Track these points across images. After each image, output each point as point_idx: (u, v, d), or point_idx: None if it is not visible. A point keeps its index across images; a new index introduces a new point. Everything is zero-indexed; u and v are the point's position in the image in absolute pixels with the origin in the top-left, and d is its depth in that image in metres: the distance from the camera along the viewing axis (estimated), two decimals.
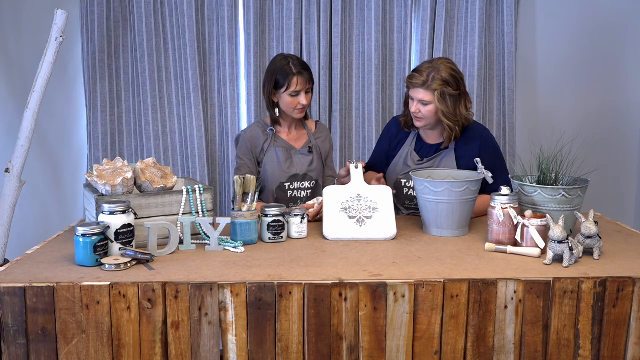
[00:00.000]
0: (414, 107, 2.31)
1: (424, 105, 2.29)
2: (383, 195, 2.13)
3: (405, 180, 2.40)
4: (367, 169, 2.63)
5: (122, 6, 3.17)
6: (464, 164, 2.34)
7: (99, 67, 3.18)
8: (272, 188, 2.47)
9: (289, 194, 2.49)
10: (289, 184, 2.48)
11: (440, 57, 2.37)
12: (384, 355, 1.64)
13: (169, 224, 1.87)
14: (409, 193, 2.40)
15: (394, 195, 2.39)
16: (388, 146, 2.52)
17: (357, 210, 2.08)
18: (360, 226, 2.04)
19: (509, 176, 2.36)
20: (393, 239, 2.03)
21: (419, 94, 2.27)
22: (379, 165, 2.55)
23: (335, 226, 2.04)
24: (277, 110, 2.49)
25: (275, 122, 2.51)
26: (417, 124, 2.36)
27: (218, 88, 3.28)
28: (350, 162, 2.22)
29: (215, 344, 1.64)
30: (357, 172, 2.19)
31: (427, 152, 2.42)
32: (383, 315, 1.63)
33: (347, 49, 3.27)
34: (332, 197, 2.13)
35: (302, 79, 2.39)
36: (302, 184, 2.49)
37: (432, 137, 2.43)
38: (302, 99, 2.41)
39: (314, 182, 2.52)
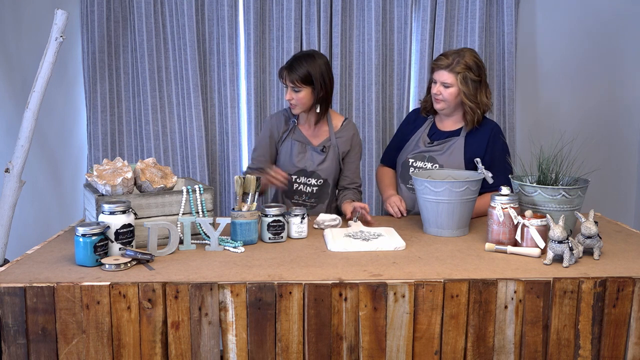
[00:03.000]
0: (435, 88, 2.40)
1: (446, 87, 2.38)
2: (385, 229, 2.14)
3: (413, 160, 2.46)
4: (384, 155, 2.71)
5: (122, 6, 3.17)
6: (471, 151, 2.39)
7: (99, 67, 3.18)
8: None
9: (294, 187, 2.52)
10: (295, 177, 2.50)
11: (466, 47, 2.48)
12: (384, 355, 1.64)
13: (169, 224, 1.87)
14: (414, 172, 2.43)
15: (400, 175, 2.50)
16: (404, 130, 2.61)
17: (361, 235, 2.07)
18: (367, 241, 2.00)
19: (510, 176, 2.38)
20: (403, 249, 1.94)
21: (443, 76, 2.37)
22: (394, 151, 2.62)
23: (340, 243, 1.98)
24: None
25: (291, 111, 2.54)
26: (437, 105, 2.44)
27: (218, 88, 3.28)
28: (352, 218, 2.28)
29: (215, 344, 1.64)
30: (356, 224, 2.21)
31: (439, 138, 2.48)
32: (383, 315, 1.63)
33: (347, 49, 3.27)
34: (334, 230, 2.13)
35: (284, 73, 2.41)
36: (309, 180, 2.50)
37: (446, 124, 2.49)
38: (287, 94, 2.43)
39: (321, 180, 2.50)
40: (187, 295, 1.61)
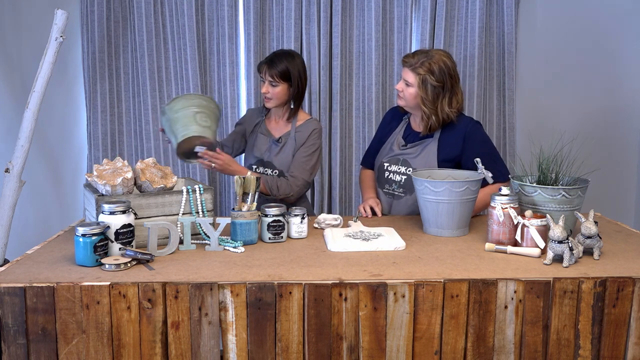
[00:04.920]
0: (398, 84, 2.41)
1: (407, 86, 2.37)
2: (385, 229, 2.14)
3: (388, 164, 2.46)
4: (364, 158, 2.71)
5: (122, 6, 3.17)
6: (445, 153, 2.37)
7: (99, 67, 3.18)
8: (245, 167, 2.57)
9: None
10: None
11: (440, 49, 2.44)
12: (384, 355, 1.64)
13: (169, 224, 1.87)
14: (389, 177, 2.45)
15: (377, 179, 2.50)
16: (382, 133, 2.60)
17: (361, 235, 2.07)
18: (367, 241, 2.00)
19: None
20: (403, 249, 1.94)
21: (405, 74, 2.37)
22: (372, 153, 2.63)
23: (340, 243, 1.97)
24: None
25: (264, 106, 2.64)
26: (399, 101, 2.45)
27: (218, 88, 3.28)
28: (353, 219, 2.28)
29: (215, 344, 1.64)
30: (356, 224, 2.21)
31: (413, 139, 2.46)
32: (383, 315, 1.63)
33: (347, 49, 3.27)
34: (335, 230, 2.13)
35: (265, 67, 2.50)
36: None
37: (419, 125, 2.47)
38: (263, 87, 2.52)
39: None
40: (187, 295, 1.61)
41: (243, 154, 2.77)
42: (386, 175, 2.46)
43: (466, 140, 2.35)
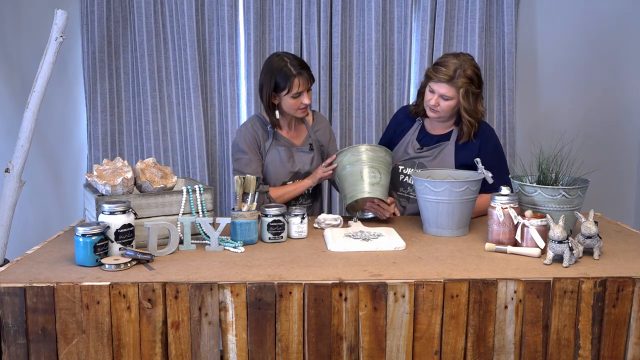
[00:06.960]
0: (433, 100, 2.30)
1: (445, 99, 2.28)
2: (385, 229, 2.14)
3: (403, 167, 2.42)
4: None
5: (122, 6, 3.17)
6: (462, 157, 2.35)
7: (99, 67, 3.18)
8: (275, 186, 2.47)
9: None
10: (290, 181, 2.46)
11: (464, 53, 2.35)
12: (384, 355, 1.64)
13: (169, 224, 1.87)
14: (404, 180, 2.42)
15: (390, 181, 2.42)
16: (392, 133, 2.55)
17: (361, 235, 2.07)
18: (367, 241, 2.00)
19: (509, 176, 2.37)
20: (403, 249, 1.94)
21: (442, 88, 2.26)
22: None
23: (340, 243, 1.97)
24: (276, 112, 2.43)
25: (275, 124, 2.45)
26: (432, 114, 2.35)
27: (218, 88, 3.28)
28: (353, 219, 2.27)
29: (215, 344, 1.64)
30: (356, 224, 2.21)
31: (428, 142, 2.43)
32: (383, 315, 1.63)
33: (347, 49, 3.27)
34: (335, 230, 2.13)
35: (303, 79, 2.32)
36: None
37: (436, 129, 2.44)
38: (305, 99, 2.36)
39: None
40: (187, 295, 1.61)
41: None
42: (401, 178, 2.42)
43: (481, 147, 2.34)
